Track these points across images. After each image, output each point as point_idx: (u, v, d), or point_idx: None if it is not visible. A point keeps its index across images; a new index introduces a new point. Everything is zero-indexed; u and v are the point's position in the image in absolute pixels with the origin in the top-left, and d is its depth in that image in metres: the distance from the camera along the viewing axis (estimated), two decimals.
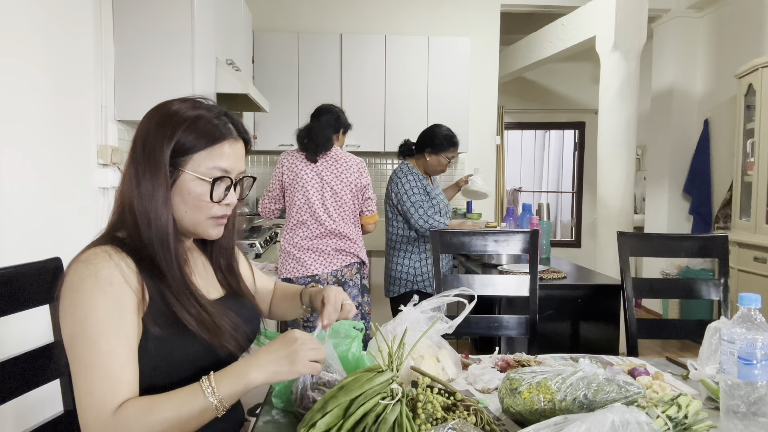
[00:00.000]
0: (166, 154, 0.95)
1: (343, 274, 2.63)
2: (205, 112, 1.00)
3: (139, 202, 0.95)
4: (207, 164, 0.98)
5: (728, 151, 4.42)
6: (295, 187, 2.61)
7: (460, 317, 1.30)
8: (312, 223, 2.60)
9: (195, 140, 0.97)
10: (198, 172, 0.97)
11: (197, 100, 1.03)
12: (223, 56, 2.99)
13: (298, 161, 2.64)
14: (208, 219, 1.01)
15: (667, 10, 4.94)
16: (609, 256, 4.02)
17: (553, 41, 5.00)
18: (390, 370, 0.91)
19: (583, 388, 0.98)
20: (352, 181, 2.65)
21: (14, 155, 1.66)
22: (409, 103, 4.54)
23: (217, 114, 1.01)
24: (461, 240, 2.07)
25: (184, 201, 0.98)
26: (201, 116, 0.99)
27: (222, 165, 0.99)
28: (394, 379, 0.90)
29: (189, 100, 1.02)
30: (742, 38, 4.39)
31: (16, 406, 1.16)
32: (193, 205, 0.99)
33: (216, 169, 0.98)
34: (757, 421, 0.91)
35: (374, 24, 4.81)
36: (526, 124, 7.15)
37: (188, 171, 0.97)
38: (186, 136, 0.96)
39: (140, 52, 2.28)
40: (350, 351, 1.17)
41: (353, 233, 2.67)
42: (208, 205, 1.00)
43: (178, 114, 0.98)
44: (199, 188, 0.98)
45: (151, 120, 0.99)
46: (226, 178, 1.00)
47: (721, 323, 1.24)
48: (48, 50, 1.84)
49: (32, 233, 1.74)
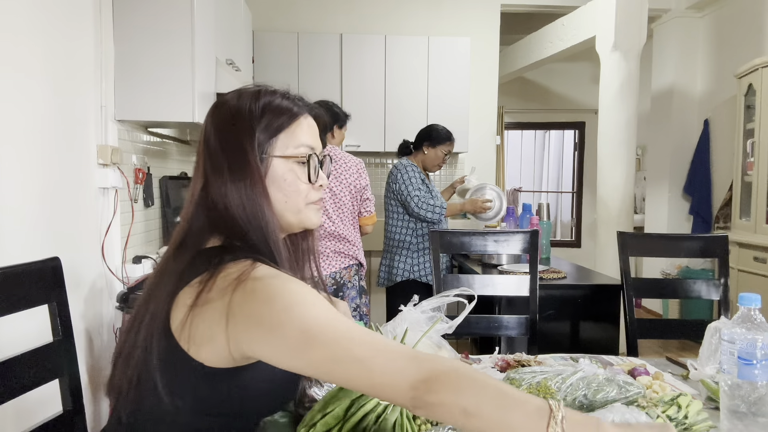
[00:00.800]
0: (252, 145, 0.89)
1: (342, 275, 2.63)
2: (269, 95, 0.95)
3: (237, 206, 0.88)
4: (293, 143, 0.93)
5: (728, 151, 4.42)
6: None
7: (460, 317, 1.30)
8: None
9: (276, 120, 0.92)
10: (288, 153, 0.92)
11: (251, 89, 0.97)
12: (223, 56, 2.99)
13: None
14: (308, 205, 0.95)
15: (667, 10, 4.94)
16: (609, 256, 4.02)
17: (553, 41, 5.00)
18: None
19: (583, 388, 0.98)
20: (351, 182, 2.64)
21: (14, 155, 1.66)
22: (409, 103, 4.53)
23: (283, 93, 0.96)
24: (461, 240, 2.07)
25: (281, 189, 0.92)
26: (269, 100, 0.94)
27: (306, 141, 0.94)
28: None
29: (244, 90, 0.97)
30: (742, 38, 4.39)
31: (16, 406, 1.16)
32: (291, 192, 0.92)
33: (302, 146, 0.94)
34: (757, 421, 0.91)
35: (374, 24, 4.80)
36: (526, 124, 7.15)
37: (277, 155, 0.91)
38: (265, 121, 0.91)
39: (140, 51, 2.28)
40: None
41: (352, 235, 2.66)
42: (306, 189, 0.93)
43: (248, 103, 0.93)
44: (294, 171, 0.93)
45: (220, 118, 0.94)
46: (313, 155, 0.94)
47: (721, 323, 1.24)
48: (48, 50, 1.84)
49: (32, 233, 1.74)
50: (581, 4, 4.47)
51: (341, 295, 2.63)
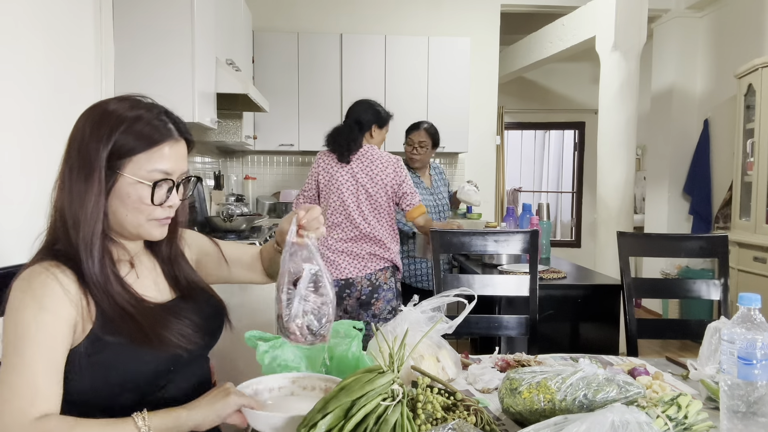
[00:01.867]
0: (102, 156, 0.92)
1: (377, 277, 2.58)
2: (145, 112, 0.96)
3: (69, 207, 0.93)
4: (147, 167, 0.94)
5: (728, 151, 4.42)
6: (330, 189, 2.56)
7: (460, 317, 1.30)
8: (347, 226, 2.55)
9: (134, 142, 0.93)
10: (137, 176, 0.94)
11: (136, 99, 0.99)
12: (223, 56, 2.99)
13: (333, 162, 2.58)
14: (149, 221, 0.98)
15: (667, 10, 4.94)
16: (609, 256, 4.02)
17: (553, 41, 5.00)
18: (391, 372, 0.91)
19: (583, 388, 0.98)
20: (387, 182, 2.57)
21: (14, 155, 1.66)
22: (409, 103, 4.53)
23: (157, 114, 0.97)
24: (461, 240, 2.07)
25: (124, 204, 0.96)
26: (140, 117, 0.95)
27: (162, 167, 0.96)
28: (395, 380, 0.90)
29: (127, 99, 0.99)
30: (742, 38, 4.39)
31: None
32: (133, 208, 0.96)
33: (156, 171, 0.95)
34: (757, 421, 0.91)
35: (374, 24, 4.81)
36: (526, 124, 7.15)
37: (127, 174, 0.94)
38: (124, 138, 0.93)
39: (140, 51, 2.28)
40: (350, 350, 1.17)
41: (388, 238, 2.60)
42: (149, 208, 0.97)
43: (116, 114, 0.94)
44: (139, 191, 0.95)
45: (86, 120, 0.96)
46: (167, 180, 0.97)
47: (721, 323, 1.24)
48: (48, 50, 1.84)
49: (32, 233, 1.73)
50: (581, 4, 4.47)
51: (376, 297, 2.59)
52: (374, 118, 2.68)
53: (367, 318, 2.58)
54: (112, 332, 0.93)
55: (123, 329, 0.93)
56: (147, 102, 1.00)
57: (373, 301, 2.58)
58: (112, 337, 0.93)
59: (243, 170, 4.86)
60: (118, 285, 0.96)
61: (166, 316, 1.00)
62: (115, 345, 0.93)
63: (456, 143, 4.61)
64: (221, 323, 1.14)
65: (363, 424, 0.85)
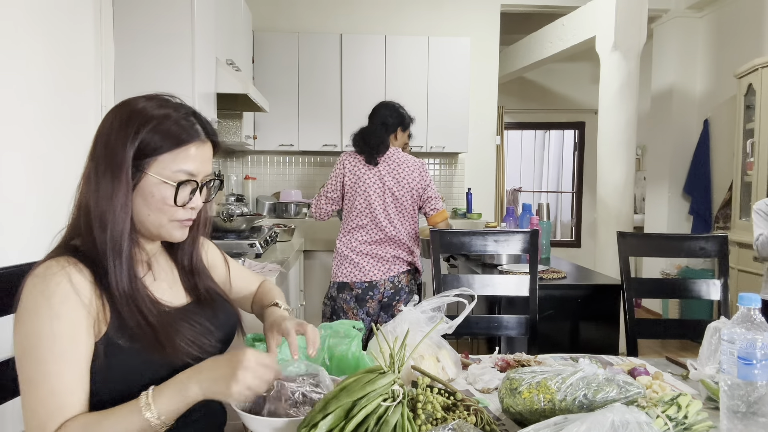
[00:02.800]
0: (129, 154, 0.91)
1: (400, 280, 2.60)
2: (173, 111, 0.96)
3: (95, 205, 0.92)
4: (172, 167, 0.94)
5: (728, 151, 4.42)
6: (357, 190, 2.56)
7: (460, 317, 1.30)
8: (372, 228, 2.56)
9: (161, 141, 0.93)
10: (162, 176, 0.94)
11: (164, 98, 0.99)
12: (223, 56, 2.99)
13: (360, 163, 2.58)
14: (171, 221, 0.97)
15: (667, 10, 4.94)
16: (609, 256, 4.02)
17: (553, 41, 5.00)
18: (392, 372, 0.91)
19: (583, 388, 0.98)
20: (413, 186, 2.58)
21: (14, 156, 1.66)
22: (409, 103, 4.48)
23: (184, 114, 0.97)
24: (461, 240, 2.07)
25: (147, 203, 0.95)
26: (168, 116, 0.95)
27: (188, 168, 0.95)
28: (395, 381, 0.90)
29: (156, 97, 0.98)
30: (742, 38, 4.39)
31: (16, 406, 1.16)
32: (156, 208, 0.95)
33: (181, 172, 0.95)
34: (757, 421, 0.91)
35: (374, 24, 4.81)
36: (526, 124, 7.15)
37: (152, 174, 0.93)
38: (151, 136, 0.92)
39: (140, 52, 2.28)
40: (350, 351, 1.18)
41: (411, 241, 2.62)
42: (172, 209, 0.96)
43: (144, 113, 0.94)
44: (162, 191, 0.94)
45: (114, 117, 0.95)
46: (191, 181, 0.96)
47: (721, 323, 1.24)
48: (48, 50, 1.84)
49: (33, 233, 1.74)
50: (581, 4, 4.47)
51: (397, 299, 2.62)
52: (399, 121, 2.68)
53: (387, 319, 2.59)
54: (127, 337, 0.91)
55: (138, 336, 0.91)
56: (175, 102, 0.99)
57: (394, 303, 2.60)
58: (125, 341, 0.91)
59: (243, 170, 4.86)
60: (144, 294, 0.95)
61: (180, 321, 0.98)
62: (128, 350, 0.91)
63: (456, 143, 4.61)
64: (234, 331, 1.13)
65: (364, 424, 0.85)
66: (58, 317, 0.86)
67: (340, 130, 4.48)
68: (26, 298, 0.88)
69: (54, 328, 0.86)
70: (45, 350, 0.85)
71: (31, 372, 0.86)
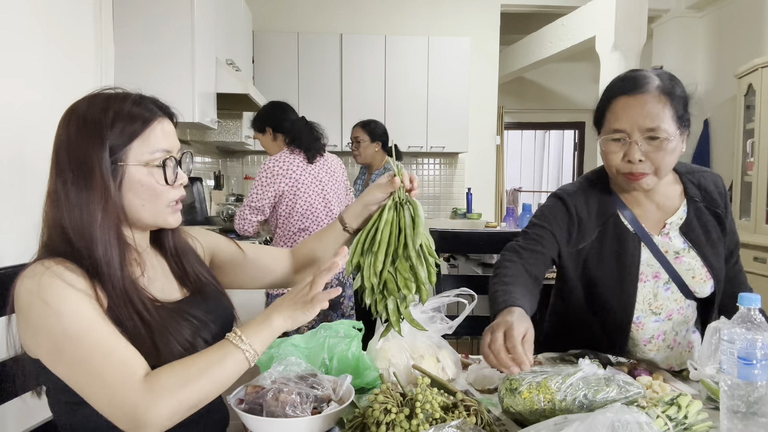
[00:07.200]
0: (99, 155, 0.90)
1: (345, 275, 2.61)
2: (122, 100, 0.96)
3: (69, 218, 0.90)
4: (148, 149, 0.94)
5: (728, 151, 4.42)
6: (297, 193, 2.50)
7: (461, 317, 1.30)
8: (314, 229, 2.55)
9: (127, 130, 0.93)
10: (143, 161, 0.94)
11: (107, 92, 0.98)
12: (223, 56, 2.99)
13: (293, 165, 2.51)
14: (167, 206, 0.98)
15: (667, 10, 4.94)
16: None
17: (552, 41, 5.00)
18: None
19: (583, 388, 0.98)
20: (342, 180, 2.68)
21: (15, 156, 1.66)
22: (409, 103, 4.54)
23: (135, 99, 0.97)
24: (461, 240, 2.07)
25: (139, 194, 0.94)
26: (121, 105, 0.94)
27: (162, 146, 0.96)
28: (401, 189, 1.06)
29: (98, 94, 0.97)
30: (742, 38, 4.39)
31: (16, 406, 1.16)
32: (149, 196, 0.95)
33: (158, 151, 0.95)
34: (757, 421, 0.91)
35: (374, 24, 4.81)
36: (526, 124, 7.15)
37: (132, 164, 0.93)
38: (115, 130, 0.92)
39: (140, 52, 2.28)
40: (350, 350, 1.17)
41: None
42: (165, 191, 0.96)
43: (96, 110, 0.93)
44: (150, 176, 0.95)
45: (69, 126, 0.94)
46: (171, 158, 0.97)
47: (721, 323, 1.24)
48: (48, 50, 1.84)
49: (33, 233, 1.74)
50: (581, 4, 4.48)
51: (343, 295, 2.63)
52: (265, 121, 2.65)
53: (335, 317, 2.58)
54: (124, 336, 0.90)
55: (134, 335, 0.90)
56: (119, 92, 0.99)
57: (341, 300, 2.60)
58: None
59: (243, 170, 4.86)
60: (142, 294, 0.94)
61: (175, 318, 0.98)
62: None
63: (456, 143, 4.61)
64: (230, 322, 1.13)
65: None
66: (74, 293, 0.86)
67: (340, 130, 4.48)
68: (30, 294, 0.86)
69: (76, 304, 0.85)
70: (78, 325, 0.84)
71: (75, 353, 0.83)
